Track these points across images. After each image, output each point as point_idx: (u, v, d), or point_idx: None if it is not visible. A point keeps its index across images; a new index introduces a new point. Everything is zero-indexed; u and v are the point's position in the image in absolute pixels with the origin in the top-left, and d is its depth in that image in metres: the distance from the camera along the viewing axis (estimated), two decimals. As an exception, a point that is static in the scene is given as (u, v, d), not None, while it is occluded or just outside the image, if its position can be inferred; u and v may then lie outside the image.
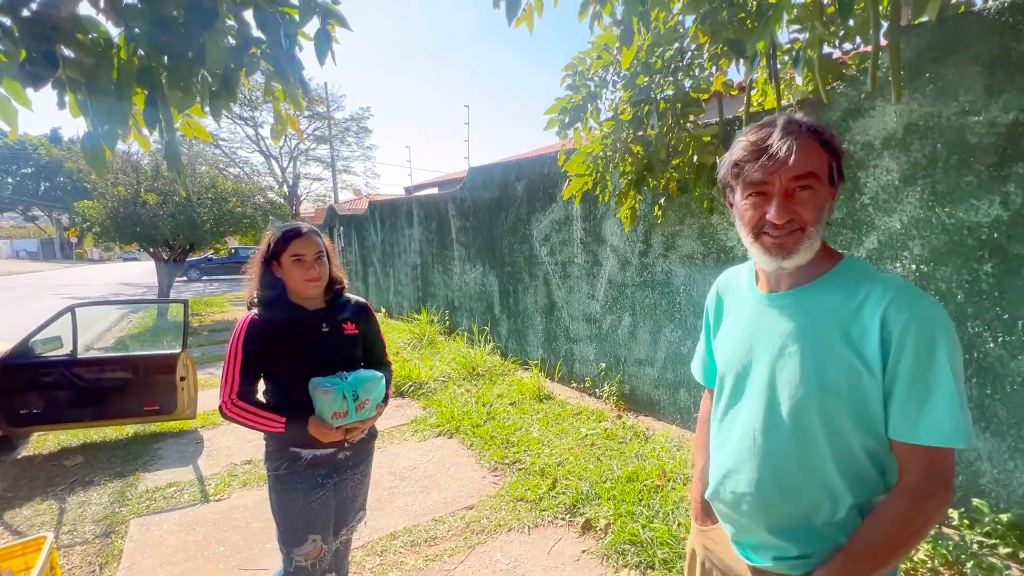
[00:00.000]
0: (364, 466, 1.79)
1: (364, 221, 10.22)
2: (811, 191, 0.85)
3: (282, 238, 1.58)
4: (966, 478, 2.37)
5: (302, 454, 1.61)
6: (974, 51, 2.21)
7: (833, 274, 0.91)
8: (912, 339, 0.81)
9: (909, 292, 0.84)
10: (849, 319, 0.85)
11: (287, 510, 1.61)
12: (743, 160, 0.88)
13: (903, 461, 0.85)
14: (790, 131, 0.85)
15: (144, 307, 11.56)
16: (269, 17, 1.68)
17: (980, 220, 2.25)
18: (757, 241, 0.90)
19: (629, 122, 2.96)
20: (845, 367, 0.84)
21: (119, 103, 1.58)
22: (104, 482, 3.32)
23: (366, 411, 1.60)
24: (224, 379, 1.56)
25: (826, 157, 0.86)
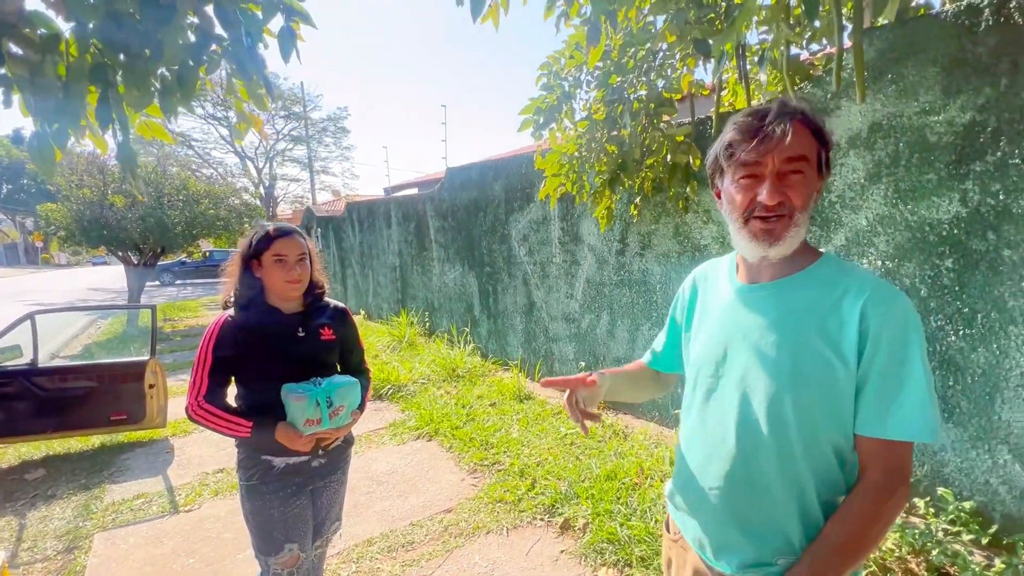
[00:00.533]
0: (340, 474, 1.75)
1: (342, 222, 10.09)
2: (802, 176, 0.86)
3: (264, 237, 1.55)
4: (931, 468, 2.44)
5: (274, 462, 1.56)
6: (933, 52, 2.27)
7: (813, 269, 0.92)
8: (888, 335, 0.82)
9: (886, 289, 0.85)
10: (827, 313, 0.86)
11: (262, 520, 1.56)
12: (737, 140, 0.87)
13: (867, 457, 0.86)
14: (785, 113, 0.85)
15: (113, 313, 11.20)
16: (230, 13, 1.64)
17: (941, 217, 2.31)
18: (746, 227, 0.90)
19: (603, 122, 2.97)
20: (821, 360, 0.85)
21: (68, 101, 1.51)
22: (67, 495, 3.20)
23: (340, 418, 1.56)
24: (192, 381, 1.51)
25: (816, 145, 0.87)
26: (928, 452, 2.45)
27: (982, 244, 2.20)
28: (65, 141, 1.51)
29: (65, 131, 1.50)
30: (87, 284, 20.44)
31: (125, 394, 3.64)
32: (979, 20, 2.13)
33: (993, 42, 2.10)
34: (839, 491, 0.89)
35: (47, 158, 1.45)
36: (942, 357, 2.36)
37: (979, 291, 2.23)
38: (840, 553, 0.82)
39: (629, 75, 2.80)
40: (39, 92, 1.42)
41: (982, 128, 2.16)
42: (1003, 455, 2.21)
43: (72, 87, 1.51)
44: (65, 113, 1.48)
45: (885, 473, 0.83)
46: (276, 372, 1.54)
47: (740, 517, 0.93)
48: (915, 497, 2.44)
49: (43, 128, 1.45)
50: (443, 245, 6.55)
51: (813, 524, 0.88)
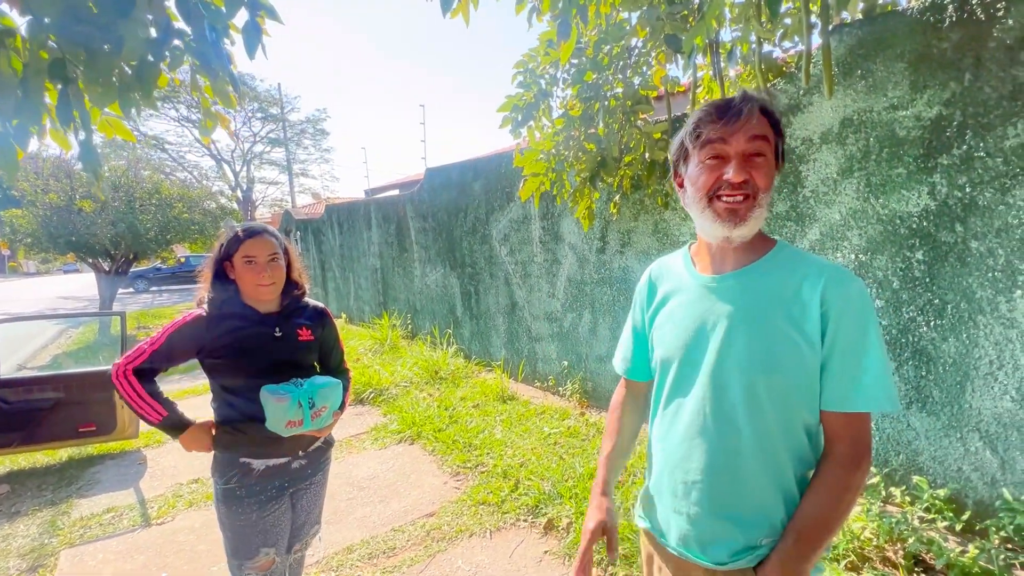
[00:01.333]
0: (321, 476, 1.72)
1: (321, 225, 9.94)
2: (764, 158, 0.89)
3: (234, 238, 1.51)
4: (906, 457, 2.49)
5: (254, 464, 1.52)
6: (900, 48, 2.31)
7: (771, 256, 0.96)
8: (847, 316, 0.87)
9: (840, 271, 0.90)
10: (790, 298, 0.90)
11: (238, 524, 1.52)
12: (704, 120, 0.91)
13: (833, 431, 0.90)
14: (748, 98, 0.89)
15: (84, 322, 10.86)
16: (192, 7, 1.58)
17: (911, 210, 2.36)
18: (710, 207, 0.92)
19: (580, 119, 2.96)
20: (791, 344, 0.88)
21: (27, 99, 1.45)
22: (32, 512, 3.07)
23: (322, 419, 1.54)
24: (135, 349, 1.47)
25: (774, 134, 0.92)
26: (903, 441, 2.49)
27: (950, 236, 2.25)
28: (27, 140, 1.44)
29: (26, 129, 1.43)
30: (58, 293, 19.79)
31: (94, 404, 3.51)
32: (943, 16, 2.17)
33: (957, 38, 2.15)
34: (810, 466, 0.94)
35: (9, 159, 1.38)
36: (914, 348, 2.40)
37: (948, 282, 2.27)
38: (821, 525, 0.87)
39: (605, 72, 2.80)
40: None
41: (948, 122, 2.21)
42: (974, 442, 2.26)
43: (29, 84, 1.44)
44: (23, 111, 1.41)
45: (852, 444, 0.88)
46: (252, 372, 1.50)
47: (726, 506, 0.94)
48: (891, 487, 2.48)
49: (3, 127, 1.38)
50: (424, 246, 6.49)
51: (792, 501, 0.92)
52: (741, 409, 0.91)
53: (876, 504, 2.36)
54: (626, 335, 1.20)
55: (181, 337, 1.47)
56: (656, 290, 1.10)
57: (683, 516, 0.99)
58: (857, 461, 0.87)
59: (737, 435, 0.91)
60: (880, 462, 2.57)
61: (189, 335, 1.48)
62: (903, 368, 2.45)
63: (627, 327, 1.20)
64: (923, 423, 2.41)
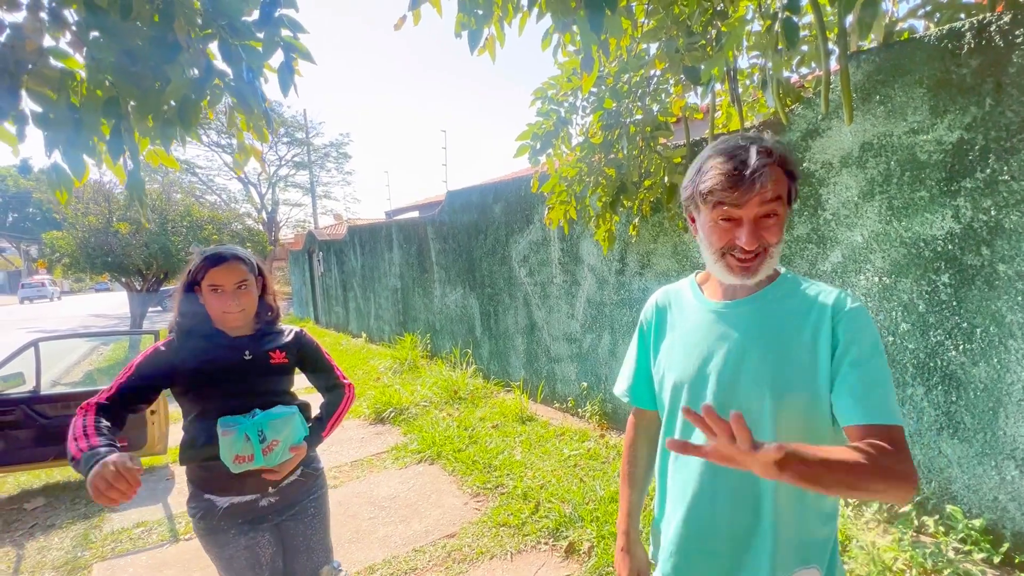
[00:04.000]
0: (310, 512, 1.59)
1: (344, 246, 10.17)
2: (776, 217, 0.90)
3: (200, 264, 1.45)
4: (939, 485, 2.42)
5: (217, 502, 1.43)
6: (919, 74, 2.34)
7: (779, 282, 0.99)
8: (862, 335, 0.88)
9: (846, 296, 0.93)
10: (802, 319, 0.93)
11: (215, 556, 1.46)
12: (718, 188, 0.88)
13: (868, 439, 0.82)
14: (762, 161, 0.86)
15: (115, 339, 11.21)
16: (233, 50, 1.70)
17: (935, 233, 2.35)
18: (722, 260, 0.94)
19: (600, 145, 3.03)
20: (803, 366, 0.90)
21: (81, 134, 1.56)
22: (67, 525, 3.16)
23: (275, 454, 1.40)
24: (105, 387, 1.41)
25: (786, 182, 0.91)
26: (935, 468, 2.42)
27: (977, 259, 2.23)
28: (82, 171, 1.56)
29: (82, 162, 1.55)
30: (90, 311, 20.49)
31: (127, 421, 3.62)
32: (961, 43, 2.20)
33: (976, 64, 2.17)
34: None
35: (65, 187, 1.49)
36: (943, 372, 2.36)
37: (976, 306, 2.24)
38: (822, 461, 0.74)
39: (624, 100, 2.87)
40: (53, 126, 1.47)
41: (970, 146, 2.21)
42: (1010, 471, 2.19)
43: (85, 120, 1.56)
44: (77, 145, 1.53)
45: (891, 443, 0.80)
46: (220, 398, 1.42)
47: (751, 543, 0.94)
48: (923, 516, 2.41)
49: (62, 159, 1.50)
50: (444, 267, 6.59)
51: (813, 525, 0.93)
52: (756, 431, 0.88)
53: (908, 534, 2.30)
54: (629, 361, 1.19)
55: (149, 366, 1.41)
56: (663, 316, 1.11)
57: (704, 552, 0.98)
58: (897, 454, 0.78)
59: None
60: (911, 490, 2.50)
61: (157, 363, 1.42)
62: (932, 393, 2.41)
63: (630, 353, 1.19)
64: (955, 450, 2.35)
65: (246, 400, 1.45)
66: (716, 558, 0.98)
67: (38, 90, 1.48)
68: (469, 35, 1.67)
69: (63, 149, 1.53)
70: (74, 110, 1.54)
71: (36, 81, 1.48)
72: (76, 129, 1.54)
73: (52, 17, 1.51)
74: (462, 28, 1.82)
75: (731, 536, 0.95)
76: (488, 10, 1.79)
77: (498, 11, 1.81)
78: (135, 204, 1.69)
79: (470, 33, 1.68)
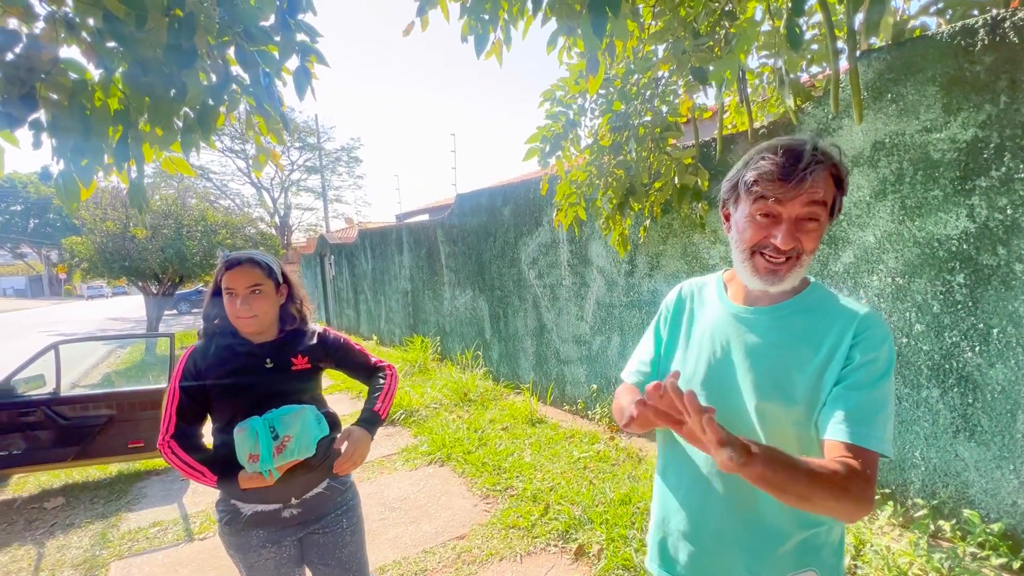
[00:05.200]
0: (342, 525, 1.55)
1: (355, 249, 10.26)
2: (817, 223, 0.86)
3: (220, 268, 1.44)
4: (955, 488, 2.38)
5: (242, 509, 1.44)
6: (931, 72, 2.31)
7: (805, 294, 0.96)
8: (876, 358, 0.86)
9: (873, 315, 0.90)
10: (821, 336, 0.90)
11: (237, 560, 1.48)
12: (764, 176, 0.84)
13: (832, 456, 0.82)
14: (819, 161, 0.83)
15: (132, 342, 11.42)
16: (249, 55, 1.74)
17: (949, 233, 2.31)
18: (751, 259, 0.91)
19: (609, 147, 3.04)
20: (812, 381, 0.88)
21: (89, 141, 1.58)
22: (85, 524, 3.23)
23: (288, 452, 1.35)
24: (162, 417, 1.43)
25: (835, 191, 0.87)
26: (951, 473, 2.38)
27: (993, 259, 2.19)
28: (91, 178, 1.59)
29: (91, 168, 1.58)
30: (107, 314, 20.89)
31: (143, 422, 3.69)
32: (975, 40, 2.17)
33: (990, 61, 2.13)
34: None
35: (72, 194, 1.53)
36: (959, 374, 2.32)
37: (993, 306, 2.20)
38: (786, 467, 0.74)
39: (632, 102, 2.87)
40: (62, 133, 1.50)
41: (985, 144, 2.18)
42: (1029, 475, 2.15)
43: (95, 128, 1.59)
44: (86, 152, 1.56)
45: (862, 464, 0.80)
46: (240, 407, 1.41)
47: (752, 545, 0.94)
48: (940, 520, 2.37)
49: (69, 166, 1.53)
50: (454, 270, 6.62)
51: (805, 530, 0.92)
52: (766, 440, 0.90)
53: (924, 539, 2.26)
54: (646, 347, 1.15)
55: (187, 379, 1.43)
56: (685, 308, 1.10)
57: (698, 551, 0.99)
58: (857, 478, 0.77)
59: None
60: (927, 494, 2.46)
61: (192, 373, 1.43)
62: (948, 395, 2.37)
63: (646, 338, 1.16)
64: (972, 453, 2.31)
65: (269, 408, 1.42)
66: (709, 556, 0.98)
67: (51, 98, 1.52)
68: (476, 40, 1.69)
69: (70, 156, 1.55)
70: (84, 118, 1.57)
71: (49, 90, 1.52)
72: (85, 137, 1.57)
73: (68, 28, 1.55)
74: (469, 32, 1.84)
75: (721, 535, 0.95)
76: (493, 15, 1.81)
77: (503, 15, 1.83)
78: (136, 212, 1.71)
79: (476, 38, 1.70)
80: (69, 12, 1.56)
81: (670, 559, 1.04)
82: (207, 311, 1.51)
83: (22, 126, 1.45)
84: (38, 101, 1.48)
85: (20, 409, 3.49)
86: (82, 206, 9.03)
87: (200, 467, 1.38)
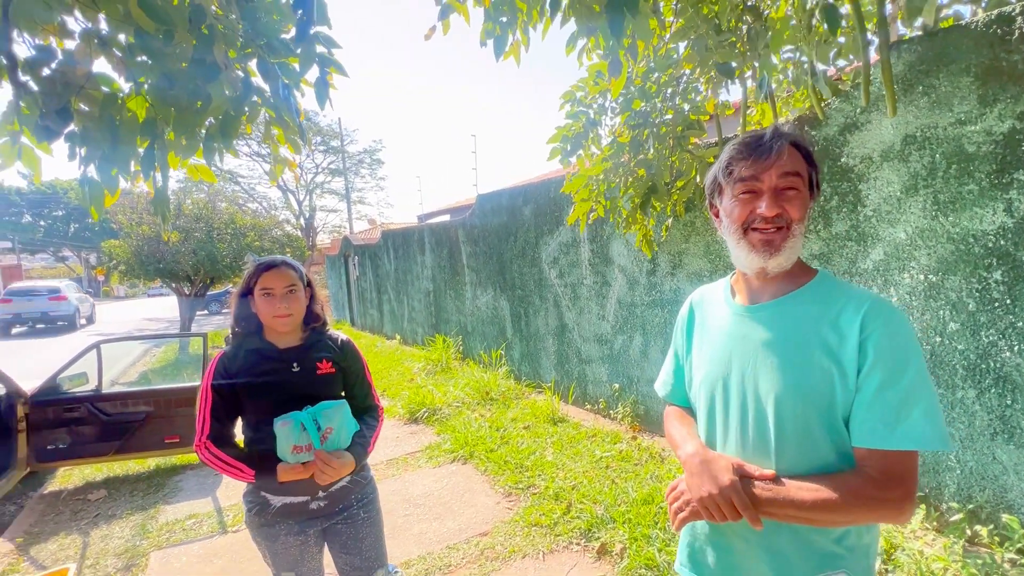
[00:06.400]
0: (361, 516, 1.65)
1: (378, 250, 10.42)
2: (796, 192, 0.90)
3: (254, 271, 1.54)
4: (993, 492, 2.30)
5: (271, 501, 1.53)
6: (965, 62, 2.24)
7: (811, 286, 0.95)
8: (890, 347, 0.84)
9: (882, 303, 0.88)
10: (828, 328, 0.88)
11: (263, 549, 1.57)
12: (736, 159, 0.93)
13: (865, 464, 0.85)
14: (779, 135, 0.91)
15: (166, 341, 11.83)
16: (270, 68, 1.80)
17: (985, 228, 2.23)
18: (744, 239, 0.93)
19: (628, 145, 3.02)
20: (822, 374, 0.87)
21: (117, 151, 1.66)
22: (126, 515, 3.38)
23: (333, 440, 1.49)
24: (197, 420, 1.52)
25: (807, 167, 0.93)
26: (988, 476, 2.30)
27: (1032, 255, 2.11)
28: (115, 186, 1.67)
29: (116, 177, 1.66)
30: (143, 315, 21.68)
31: (178, 418, 3.84)
32: (1012, 28, 2.09)
33: (1028, 49, 2.06)
34: None
35: (97, 201, 1.61)
36: (997, 374, 2.25)
37: (1033, 304, 2.12)
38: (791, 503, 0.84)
39: (653, 99, 2.86)
40: (93, 144, 1.58)
41: (1023, 136, 2.10)
42: (1073, 479, 2.07)
43: (123, 138, 1.67)
44: (115, 161, 1.64)
45: (883, 474, 0.82)
46: (269, 409, 1.49)
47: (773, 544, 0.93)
48: (976, 524, 2.30)
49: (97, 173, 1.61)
50: (475, 270, 6.67)
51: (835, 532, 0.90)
52: (772, 437, 0.91)
53: (960, 543, 2.19)
54: (668, 360, 1.22)
55: (218, 386, 1.51)
56: (695, 317, 1.13)
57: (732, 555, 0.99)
58: (881, 489, 0.81)
59: (769, 463, 0.91)
60: (963, 498, 2.39)
61: (222, 376, 1.52)
62: (984, 396, 2.29)
63: (669, 352, 1.22)
64: (1011, 456, 2.23)
65: (295, 409, 1.50)
66: (737, 558, 0.98)
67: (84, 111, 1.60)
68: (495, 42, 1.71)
69: (98, 165, 1.63)
70: (114, 129, 1.65)
71: (83, 102, 1.60)
72: (114, 146, 1.65)
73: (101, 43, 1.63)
74: (487, 36, 1.86)
75: (748, 537, 0.95)
76: (512, 16, 1.83)
77: (522, 17, 1.85)
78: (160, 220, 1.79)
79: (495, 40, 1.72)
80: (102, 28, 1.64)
81: (699, 562, 1.05)
82: (238, 312, 1.58)
83: (58, 138, 1.53)
84: (72, 114, 1.56)
85: (65, 405, 3.67)
86: (118, 211, 9.43)
87: (238, 464, 1.47)
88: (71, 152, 1.64)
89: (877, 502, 0.81)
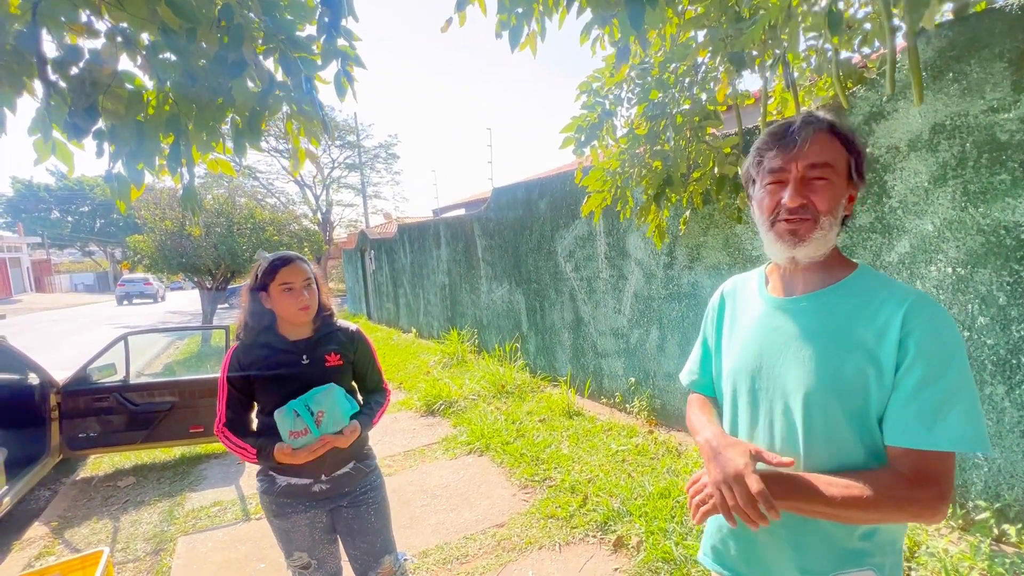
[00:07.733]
0: (366, 502, 1.71)
1: (394, 244, 10.50)
2: (826, 182, 0.87)
3: (269, 268, 1.58)
4: (1022, 491, 2.24)
5: (277, 479, 1.62)
6: (999, 48, 2.16)
7: (849, 280, 0.92)
8: (932, 345, 0.81)
9: (926, 299, 0.85)
10: (865, 323, 0.86)
11: (272, 525, 1.66)
12: (763, 148, 0.92)
13: (898, 462, 0.83)
14: (808, 122, 0.89)
15: (189, 333, 12.11)
16: (292, 63, 1.81)
17: (1018, 219, 2.16)
18: (772, 229, 0.92)
19: (645, 136, 2.98)
20: (856, 370, 0.85)
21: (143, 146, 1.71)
22: (154, 502, 3.49)
23: (324, 425, 1.54)
24: (217, 408, 1.62)
25: (843, 152, 0.89)
26: (1017, 475, 2.25)
27: (1068, 247, 2.04)
28: (141, 180, 1.71)
29: (142, 172, 1.71)
30: (166, 308, 22.23)
31: (202, 408, 3.94)
32: (1049, 10, 2.01)
33: (1067, 32, 1.97)
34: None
35: (124, 194, 1.66)
36: (1028, 370, 2.18)
37: (1067, 298, 2.05)
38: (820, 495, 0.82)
39: (670, 90, 2.81)
40: (118, 140, 1.63)
41: (1060, 123, 2.02)
42: (1108, 478, 2.00)
43: (148, 134, 1.71)
44: (140, 157, 1.69)
45: (917, 474, 0.81)
46: (279, 399, 1.55)
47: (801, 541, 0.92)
48: (1004, 523, 2.24)
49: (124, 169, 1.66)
50: (490, 263, 6.68)
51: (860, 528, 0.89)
52: (802, 433, 0.89)
53: (986, 543, 2.15)
54: (696, 349, 1.20)
55: (233, 377, 1.58)
56: (726, 307, 1.11)
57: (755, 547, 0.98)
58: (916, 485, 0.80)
59: (805, 458, 0.90)
60: (991, 496, 2.33)
61: (236, 369, 1.59)
62: (1015, 392, 2.23)
63: (698, 341, 1.20)
64: (1042, 454, 2.17)
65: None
66: (761, 550, 0.97)
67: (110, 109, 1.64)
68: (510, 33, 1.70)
69: (125, 160, 1.68)
70: (139, 126, 1.69)
71: (109, 101, 1.64)
72: (140, 142, 1.69)
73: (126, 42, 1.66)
74: (502, 28, 1.85)
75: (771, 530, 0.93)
76: (528, 6, 1.81)
77: (538, 7, 1.83)
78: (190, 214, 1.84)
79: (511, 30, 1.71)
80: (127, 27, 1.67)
81: (722, 552, 1.04)
82: (252, 307, 1.62)
83: (87, 136, 1.57)
84: (100, 112, 1.60)
85: (95, 395, 3.79)
86: (142, 206, 9.64)
87: (244, 445, 1.56)
88: (99, 149, 1.69)
89: (909, 501, 0.79)
